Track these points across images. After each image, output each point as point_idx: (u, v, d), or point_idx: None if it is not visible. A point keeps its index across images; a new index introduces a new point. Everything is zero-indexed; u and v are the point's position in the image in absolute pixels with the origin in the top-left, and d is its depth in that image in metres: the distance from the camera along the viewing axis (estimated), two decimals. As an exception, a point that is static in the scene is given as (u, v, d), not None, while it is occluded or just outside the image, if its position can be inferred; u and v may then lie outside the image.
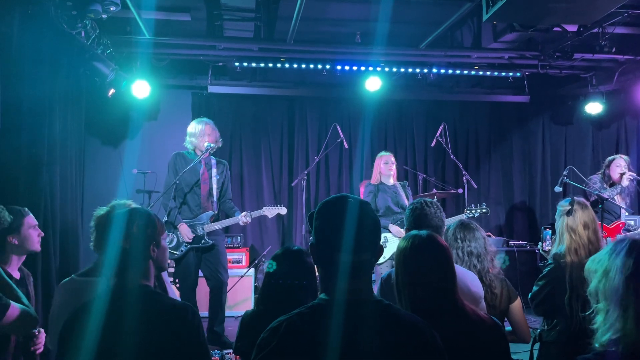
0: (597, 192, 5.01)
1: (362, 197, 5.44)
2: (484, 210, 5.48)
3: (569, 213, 2.92)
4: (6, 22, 3.43)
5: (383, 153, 5.52)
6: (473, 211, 5.46)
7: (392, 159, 5.44)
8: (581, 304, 2.76)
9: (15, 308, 2.27)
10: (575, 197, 3.01)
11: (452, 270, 1.90)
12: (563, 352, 2.81)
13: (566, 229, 2.91)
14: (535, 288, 2.96)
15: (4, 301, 2.24)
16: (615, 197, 5.27)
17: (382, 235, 5.03)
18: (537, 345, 2.98)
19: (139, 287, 1.88)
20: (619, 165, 5.28)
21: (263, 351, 1.36)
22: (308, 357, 1.34)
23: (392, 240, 5.16)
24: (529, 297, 2.99)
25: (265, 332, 1.40)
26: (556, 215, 3.04)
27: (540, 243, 6.08)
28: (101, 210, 2.59)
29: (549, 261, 2.97)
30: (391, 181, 5.39)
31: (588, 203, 3.01)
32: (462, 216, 5.41)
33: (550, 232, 5.87)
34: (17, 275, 2.91)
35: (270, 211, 5.06)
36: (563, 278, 2.82)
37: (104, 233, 1.94)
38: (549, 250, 5.31)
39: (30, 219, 2.87)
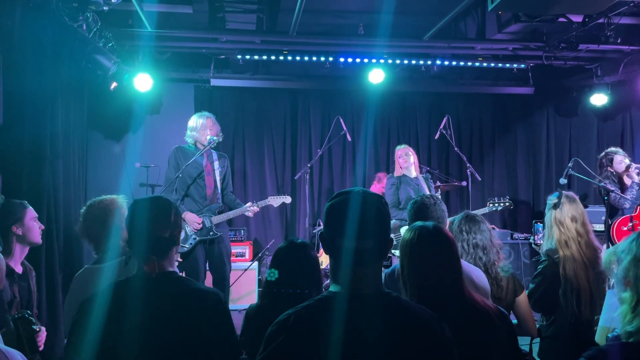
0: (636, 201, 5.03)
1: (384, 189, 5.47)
2: (507, 204, 5.45)
3: (556, 206, 2.92)
4: (8, 14, 3.40)
5: (398, 147, 5.51)
6: (496, 205, 5.44)
7: (408, 151, 5.38)
8: (575, 296, 2.78)
9: None
10: (563, 191, 3.00)
11: (457, 261, 1.89)
12: (564, 346, 2.81)
13: (554, 222, 2.93)
14: (531, 285, 2.97)
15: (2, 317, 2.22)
16: None
17: (405, 228, 5.03)
18: (536, 340, 2.98)
19: (168, 273, 1.86)
20: (620, 161, 5.26)
21: (272, 344, 1.36)
22: (317, 349, 1.33)
23: None
24: (527, 293, 2.98)
25: (274, 325, 1.40)
26: (545, 209, 3.04)
27: (532, 237, 6.08)
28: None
29: (542, 258, 2.97)
30: (413, 173, 5.34)
31: (577, 197, 3.01)
32: (486, 209, 5.41)
33: (542, 225, 5.88)
34: (19, 269, 2.91)
35: (275, 200, 5.13)
36: (558, 273, 2.83)
37: (131, 223, 1.89)
38: (541, 244, 5.30)
39: (31, 211, 2.89)
